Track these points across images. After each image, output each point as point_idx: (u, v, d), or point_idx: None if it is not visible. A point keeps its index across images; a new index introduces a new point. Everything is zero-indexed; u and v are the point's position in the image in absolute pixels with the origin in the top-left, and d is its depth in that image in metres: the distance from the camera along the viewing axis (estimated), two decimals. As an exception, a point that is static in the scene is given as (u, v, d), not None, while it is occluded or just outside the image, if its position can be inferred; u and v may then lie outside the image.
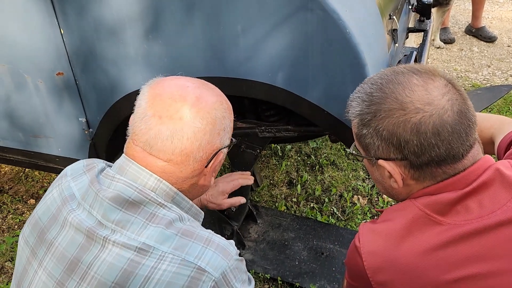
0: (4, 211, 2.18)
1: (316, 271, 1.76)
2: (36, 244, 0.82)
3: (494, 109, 2.89)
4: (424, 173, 0.79)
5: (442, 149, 0.75)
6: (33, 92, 1.51)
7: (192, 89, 0.83)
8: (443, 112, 0.75)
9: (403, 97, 0.77)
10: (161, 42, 1.23)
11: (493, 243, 0.74)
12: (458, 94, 0.78)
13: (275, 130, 1.52)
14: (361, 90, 0.84)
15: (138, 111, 0.82)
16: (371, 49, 1.15)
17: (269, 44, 1.14)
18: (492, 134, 1.02)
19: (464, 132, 0.76)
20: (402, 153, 0.78)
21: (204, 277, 0.73)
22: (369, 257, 0.79)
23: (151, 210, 0.78)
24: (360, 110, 0.82)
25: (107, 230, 0.77)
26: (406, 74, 0.80)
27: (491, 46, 3.86)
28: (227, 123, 0.86)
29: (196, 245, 0.76)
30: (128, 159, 0.82)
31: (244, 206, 1.82)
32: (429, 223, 0.77)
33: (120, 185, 0.79)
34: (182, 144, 0.79)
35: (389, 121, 0.77)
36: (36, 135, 1.64)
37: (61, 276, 0.77)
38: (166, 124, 0.79)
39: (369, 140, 0.81)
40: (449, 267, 0.74)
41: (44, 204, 0.85)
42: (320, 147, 2.54)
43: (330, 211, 2.12)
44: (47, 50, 1.38)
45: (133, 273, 0.73)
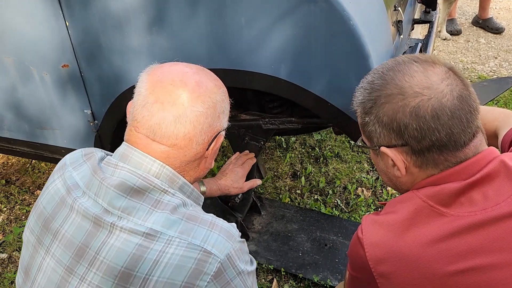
0: (12, 201, 2.21)
1: (319, 262, 1.77)
2: (41, 233, 0.84)
3: (500, 101, 2.87)
4: (426, 160, 0.79)
5: (442, 133, 0.76)
6: (39, 84, 1.53)
7: (191, 74, 0.85)
8: (442, 96, 0.76)
9: (402, 82, 0.78)
10: (165, 34, 1.23)
11: (496, 236, 0.74)
12: (458, 80, 0.78)
13: (278, 122, 1.52)
14: (364, 81, 0.86)
15: (138, 99, 0.83)
16: (375, 40, 1.15)
17: (273, 36, 1.14)
18: (496, 127, 1.02)
19: (465, 117, 0.76)
20: (402, 138, 0.78)
21: (210, 259, 0.75)
22: (371, 248, 0.79)
23: (156, 197, 0.80)
24: (362, 99, 0.83)
25: (113, 216, 0.78)
26: (407, 62, 0.81)
27: (499, 38, 3.82)
28: (225, 106, 0.89)
29: (201, 228, 0.78)
30: (130, 147, 0.83)
31: (248, 197, 1.83)
32: (432, 215, 0.77)
33: (124, 173, 0.81)
34: (185, 129, 0.81)
35: (389, 107, 0.78)
36: (42, 127, 1.66)
37: (70, 262, 0.79)
38: (169, 110, 0.81)
39: (371, 127, 0.82)
40: (451, 258, 0.74)
41: (48, 194, 0.87)
42: (325, 139, 2.54)
43: (334, 203, 2.13)
44: (52, 42, 1.39)
45: (142, 257, 0.75)
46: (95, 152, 0.89)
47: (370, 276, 0.80)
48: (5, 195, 2.25)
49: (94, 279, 0.76)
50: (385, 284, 0.79)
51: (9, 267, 1.89)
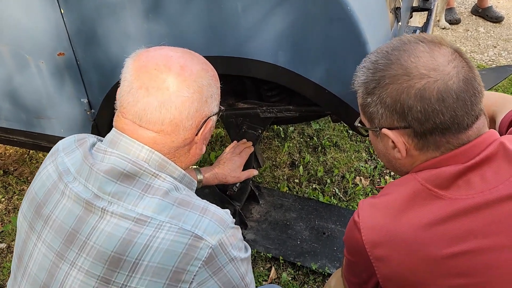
0: (10, 192, 2.21)
1: (317, 250, 1.78)
2: (33, 219, 0.84)
3: (499, 90, 2.87)
4: (428, 143, 0.78)
5: (446, 116, 0.75)
6: (35, 73, 1.51)
7: (176, 58, 0.83)
8: (448, 78, 0.74)
9: (408, 63, 0.76)
10: (161, 21, 1.22)
11: (493, 218, 0.74)
12: (464, 63, 0.77)
13: (276, 110, 1.52)
14: (366, 60, 0.83)
15: (124, 84, 0.83)
16: (373, 27, 1.14)
17: (270, 23, 1.13)
18: (494, 112, 1.01)
19: (470, 100, 0.75)
20: (405, 120, 0.77)
21: (202, 244, 0.75)
22: (368, 232, 0.79)
23: (146, 181, 0.79)
24: (365, 79, 0.81)
25: (104, 202, 0.78)
26: (412, 42, 0.79)
27: (498, 27, 3.80)
28: (213, 90, 0.86)
29: (193, 214, 0.78)
30: (119, 133, 0.83)
31: (246, 187, 1.83)
32: (429, 197, 0.77)
33: (114, 158, 0.80)
34: (171, 114, 0.80)
35: (393, 88, 0.77)
36: (39, 116, 1.65)
37: (60, 248, 0.79)
38: (154, 95, 0.79)
39: (373, 108, 0.80)
40: (448, 241, 0.74)
41: (39, 180, 0.86)
42: (323, 129, 2.54)
43: (332, 192, 2.13)
44: (47, 30, 1.38)
45: (132, 242, 0.74)
46: (88, 138, 0.88)
47: (366, 260, 0.80)
48: (3, 185, 2.25)
49: (84, 264, 0.76)
50: (382, 267, 0.79)
51: (8, 256, 1.89)
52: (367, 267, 0.81)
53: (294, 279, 1.74)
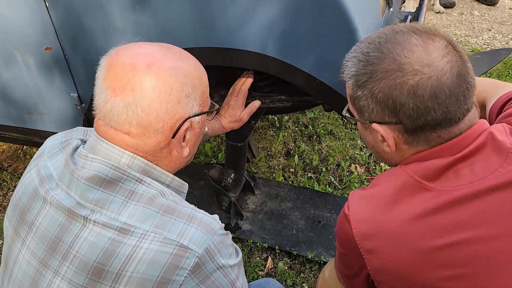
0: (4, 188, 2.20)
1: (313, 239, 1.78)
2: (17, 224, 0.82)
3: (494, 74, 2.86)
4: (418, 138, 0.77)
5: (438, 112, 0.74)
6: (23, 68, 1.49)
7: (143, 56, 0.78)
8: (442, 74, 0.73)
9: (401, 57, 0.74)
10: (148, 13, 1.20)
11: (482, 209, 0.73)
12: (458, 56, 0.75)
13: (269, 101, 1.50)
14: (357, 50, 0.80)
15: (97, 84, 0.80)
16: (364, 14, 1.12)
17: (259, 12, 1.11)
18: (484, 98, 1.01)
19: (462, 95, 0.74)
20: (397, 117, 0.76)
21: (187, 253, 0.72)
22: (358, 224, 0.79)
23: (130, 187, 0.77)
24: (356, 71, 0.79)
25: (86, 210, 0.76)
26: (405, 34, 0.76)
27: (492, 10, 3.78)
28: (189, 90, 0.80)
29: (178, 222, 0.75)
30: (98, 137, 0.80)
31: (241, 177, 1.83)
32: (418, 190, 0.77)
33: (95, 164, 0.77)
34: (137, 116, 0.76)
35: (386, 83, 0.75)
36: (30, 112, 1.63)
37: (44, 255, 0.77)
38: (120, 96, 0.76)
39: (364, 102, 0.79)
40: (437, 233, 0.74)
41: (22, 184, 0.85)
42: (318, 117, 2.53)
43: (328, 180, 2.13)
44: (33, 24, 1.35)
45: (115, 252, 0.72)
46: (72, 140, 0.86)
47: (357, 252, 0.80)
48: (-3, 181, 2.24)
49: (67, 273, 0.75)
50: (372, 259, 0.79)
51: (4, 253, 1.89)
52: (358, 259, 0.81)
53: (291, 268, 1.74)
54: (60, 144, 0.86)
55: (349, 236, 0.80)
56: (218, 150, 2.34)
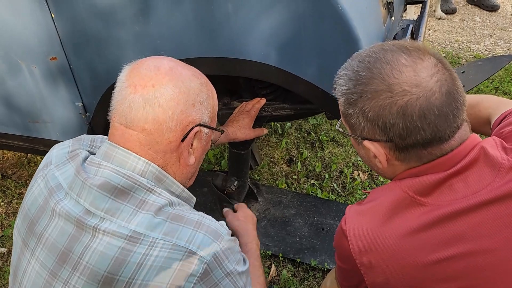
0: (9, 196, 2.22)
1: (316, 246, 1.78)
2: (26, 235, 0.83)
3: (495, 80, 2.86)
4: (410, 155, 0.78)
5: (428, 131, 0.74)
6: (28, 77, 1.51)
7: (167, 61, 0.85)
8: (430, 94, 0.73)
9: (390, 78, 0.75)
10: (153, 23, 1.22)
11: (478, 223, 0.74)
12: (447, 74, 0.76)
13: (271, 109, 1.52)
14: (348, 67, 0.81)
15: (117, 85, 0.84)
16: (365, 23, 1.13)
17: (261, 23, 1.12)
18: (489, 114, 1.01)
19: (451, 113, 0.75)
20: (387, 135, 0.77)
21: (196, 260, 0.74)
22: (354, 240, 0.79)
23: (141, 197, 0.78)
24: (347, 89, 0.80)
25: (95, 218, 0.77)
26: (394, 53, 0.77)
27: (494, 15, 3.79)
28: (203, 97, 0.85)
29: (186, 229, 0.76)
30: (113, 145, 0.82)
31: (245, 185, 1.83)
32: (412, 205, 0.77)
33: (108, 172, 0.79)
34: (154, 112, 0.80)
35: (375, 103, 0.76)
36: (34, 121, 1.65)
37: (54, 266, 0.78)
38: (140, 92, 0.80)
39: (355, 120, 0.80)
40: (432, 248, 0.74)
41: (31, 195, 0.86)
42: (320, 124, 2.54)
43: (331, 187, 2.14)
44: (38, 34, 1.37)
45: (125, 261, 0.73)
46: (80, 151, 0.87)
47: (355, 267, 0.81)
48: (2, 189, 2.25)
49: (78, 283, 0.76)
50: (369, 274, 0.79)
51: (8, 261, 1.90)
52: (356, 273, 0.82)
53: (294, 275, 1.74)
54: (67, 153, 0.88)
55: (347, 251, 0.81)
56: (221, 157, 2.35)
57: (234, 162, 1.75)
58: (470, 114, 1.07)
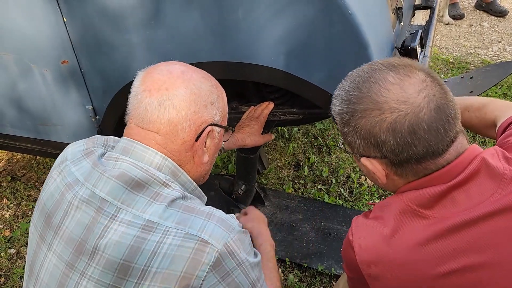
0: (18, 198, 2.24)
1: (323, 251, 1.78)
2: (43, 229, 0.85)
3: (504, 86, 2.85)
4: (406, 170, 0.79)
5: (419, 147, 0.75)
6: (40, 81, 1.53)
7: (179, 65, 0.90)
8: (418, 110, 0.74)
9: (378, 96, 0.76)
10: (163, 28, 1.23)
11: (481, 235, 0.74)
12: (436, 89, 0.76)
13: (280, 113, 1.52)
14: (341, 88, 0.84)
15: (132, 91, 0.89)
16: (375, 29, 1.14)
17: (271, 28, 1.13)
18: (496, 117, 1.01)
19: (442, 128, 0.75)
20: (381, 152, 0.78)
21: (208, 248, 0.76)
22: (360, 252, 0.80)
23: (156, 190, 0.81)
24: (340, 109, 0.82)
25: (111, 207, 0.80)
26: (382, 72, 0.79)
27: (502, 21, 3.77)
28: (214, 98, 0.90)
29: (198, 219, 0.79)
30: (131, 140, 0.86)
31: (252, 189, 1.84)
32: (416, 218, 0.77)
33: (126, 164, 0.83)
34: (168, 113, 0.84)
35: (366, 121, 0.77)
36: (44, 124, 1.67)
37: (70, 258, 0.80)
38: (154, 96, 0.85)
39: (350, 138, 0.82)
40: (438, 261, 0.74)
41: (48, 190, 0.88)
42: (327, 129, 2.54)
43: (338, 192, 2.13)
44: (51, 39, 1.39)
45: (140, 249, 0.76)
46: (95, 149, 0.90)
47: (362, 278, 0.81)
48: (11, 191, 2.27)
49: (94, 273, 0.78)
50: (377, 285, 0.80)
51: (17, 262, 1.92)
52: (363, 283, 0.82)
53: (301, 280, 1.74)
54: (82, 151, 0.90)
55: (354, 262, 0.81)
56: (228, 161, 2.35)
57: (241, 166, 1.76)
58: (476, 117, 1.07)
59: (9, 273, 1.86)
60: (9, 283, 1.82)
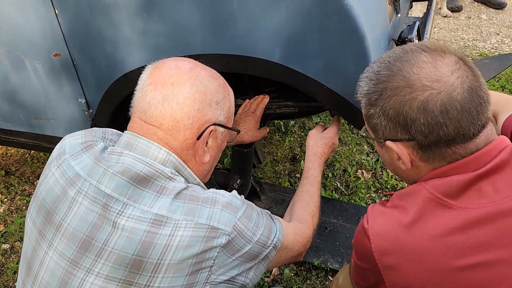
0: (12, 192, 2.22)
1: (319, 245, 1.77)
2: (43, 226, 0.83)
3: (502, 79, 2.84)
4: (434, 154, 0.76)
5: (450, 128, 0.72)
6: (32, 74, 1.51)
7: (188, 62, 0.89)
8: (452, 89, 0.72)
9: (410, 74, 0.74)
10: (156, 20, 1.20)
11: (506, 229, 0.71)
12: (469, 71, 0.74)
13: (275, 107, 1.50)
14: (369, 70, 0.82)
15: (139, 83, 0.88)
16: (371, 20, 1.12)
17: (266, 20, 1.11)
18: (495, 112, 0.98)
19: (475, 110, 0.73)
20: (409, 133, 0.76)
21: (218, 233, 0.79)
22: (377, 240, 0.77)
23: (161, 184, 0.81)
24: (367, 90, 0.80)
25: (118, 204, 0.79)
26: (415, 52, 0.77)
27: (501, 13, 3.75)
28: (220, 98, 0.89)
29: (204, 207, 0.80)
30: (134, 134, 0.85)
31: (247, 183, 1.83)
32: (439, 207, 0.75)
33: (129, 159, 0.82)
34: (172, 109, 0.84)
35: (396, 100, 0.75)
36: (38, 117, 1.64)
37: (74, 255, 0.79)
38: (160, 90, 0.84)
39: (377, 120, 0.79)
40: (459, 253, 0.72)
41: (46, 184, 0.86)
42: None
43: (334, 186, 2.13)
44: (42, 31, 1.36)
45: (152, 243, 0.76)
46: (95, 143, 0.88)
47: (375, 267, 0.79)
48: (5, 185, 2.25)
49: (103, 269, 0.77)
50: (391, 276, 0.77)
51: (11, 257, 1.90)
52: (375, 274, 0.80)
53: (297, 275, 1.74)
54: (81, 144, 0.88)
55: (368, 251, 0.79)
56: (224, 155, 2.34)
57: (237, 160, 1.74)
58: None
59: (3, 268, 1.85)
60: (3, 278, 1.81)
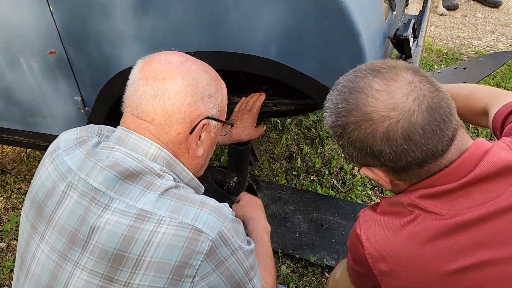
0: (8, 190, 2.21)
1: (316, 242, 1.78)
2: (35, 219, 0.84)
3: (497, 76, 2.85)
4: (408, 174, 0.77)
5: (417, 152, 0.73)
6: (27, 72, 1.50)
7: (179, 56, 0.88)
8: (410, 114, 0.72)
9: (366, 107, 0.74)
10: (151, 17, 1.20)
11: (496, 230, 0.72)
12: (426, 88, 0.73)
13: (271, 104, 1.51)
14: (329, 99, 0.82)
15: (130, 78, 0.87)
16: (367, 18, 1.12)
17: (262, 17, 1.11)
18: (486, 105, 0.99)
19: (438, 128, 0.72)
20: (379, 161, 0.77)
21: (202, 237, 0.75)
22: (370, 246, 0.78)
23: (149, 179, 0.80)
24: (331, 123, 0.80)
25: (104, 197, 0.79)
26: (366, 79, 0.76)
27: (496, 12, 3.77)
28: (212, 91, 0.88)
29: (192, 208, 0.78)
30: (126, 130, 0.85)
31: (244, 180, 1.83)
32: (427, 214, 0.75)
33: (119, 154, 0.82)
34: (163, 103, 0.83)
35: (359, 133, 0.75)
36: (34, 115, 1.64)
37: (63, 249, 0.79)
38: (151, 84, 0.84)
39: (347, 150, 0.80)
40: (451, 256, 0.73)
41: (39, 179, 0.86)
42: (320, 120, 2.53)
43: (330, 183, 2.13)
44: (37, 28, 1.36)
45: (133, 238, 0.75)
46: (88, 138, 0.88)
47: (370, 272, 0.79)
48: (1, 184, 2.24)
49: (87, 263, 0.77)
50: (387, 280, 0.78)
51: (7, 256, 1.90)
52: (371, 278, 0.80)
53: (293, 271, 1.74)
54: (75, 139, 0.88)
55: (362, 256, 0.79)
56: (221, 153, 2.34)
57: (233, 158, 1.74)
58: (463, 106, 1.04)
59: (-1, 266, 1.85)
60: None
